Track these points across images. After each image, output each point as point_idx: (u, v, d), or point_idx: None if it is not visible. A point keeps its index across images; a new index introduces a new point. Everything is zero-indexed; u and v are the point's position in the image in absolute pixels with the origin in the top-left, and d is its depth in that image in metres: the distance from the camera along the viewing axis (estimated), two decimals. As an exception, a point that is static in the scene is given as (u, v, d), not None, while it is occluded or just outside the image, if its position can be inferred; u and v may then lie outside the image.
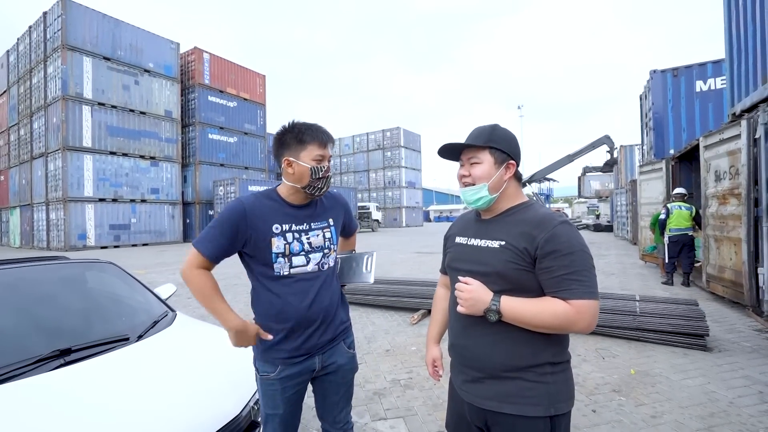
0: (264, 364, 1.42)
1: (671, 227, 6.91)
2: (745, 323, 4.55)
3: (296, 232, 1.42)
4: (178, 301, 6.27)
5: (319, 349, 1.45)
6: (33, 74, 20.38)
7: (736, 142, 5.08)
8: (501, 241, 1.09)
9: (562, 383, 1.07)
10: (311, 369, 1.45)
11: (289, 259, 1.40)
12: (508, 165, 1.14)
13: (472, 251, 1.17)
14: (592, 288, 1.01)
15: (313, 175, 1.37)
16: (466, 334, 1.15)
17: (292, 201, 1.45)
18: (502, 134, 1.15)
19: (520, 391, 1.05)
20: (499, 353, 1.08)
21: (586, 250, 1.04)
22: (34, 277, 2.11)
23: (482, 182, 1.12)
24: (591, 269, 1.03)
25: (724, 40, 6.16)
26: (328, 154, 1.42)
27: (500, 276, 1.07)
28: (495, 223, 1.16)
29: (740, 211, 4.98)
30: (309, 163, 1.37)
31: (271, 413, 1.43)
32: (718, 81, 10.34)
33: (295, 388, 1.43)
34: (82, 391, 1.43)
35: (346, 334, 1.56)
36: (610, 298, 4.54)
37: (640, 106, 14.12)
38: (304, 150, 1.37)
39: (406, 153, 38.85)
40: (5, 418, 1.25)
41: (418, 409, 2.70)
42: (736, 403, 2.68)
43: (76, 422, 1.28)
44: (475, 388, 1.13)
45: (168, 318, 2.18)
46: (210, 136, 24.25)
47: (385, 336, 4.35)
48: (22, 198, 21.76)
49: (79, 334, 1.85)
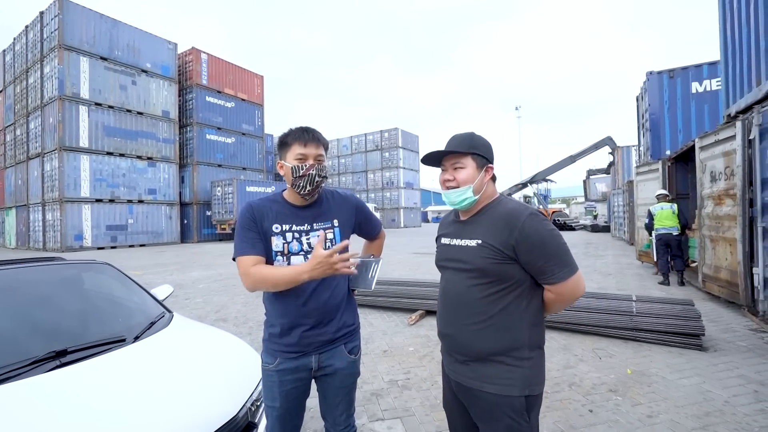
0: (266, 354, 1.50)
1: (657, 227, 7.09)
2: (741, 323, 4.58)
3: (296, 232, 1.46)
4: (176, 301, 6.26)
5: (315, 348, 1.46)
6: (29, 74, 20.28)
7: (731, 143, 5.11)
8: (477, 239, 1.22)
9: (537, 368, 1.20)
10: (308, 367, 1.47)
11: (288, 258, 1.44)
12: (487, 168, 1.28)
13: (454, 251, 1.30)
14: (568, 265, 1.17)
15: (293, 174, 1.41)
16: (451, 324, 1.28)
17: (294, 202, 1.50)
18: (481, 141, 1.28)
19: (500, 374, 1.18)
20: (481, 340, 1.21)
21: (553, 234, 1.17)
22: (30, 278, 2.10)
23: (467, 185, 1.24)
24: (562, 247, 1.17)
25: (719, 42, 6.20)
26: (312, 153, 1.42)
27: (481, 271, 1.20)
28: (471, 223, 1.29)
29: (735, 211, 5.01)
30: (291, 163, 1.42)
31: (270, 405, 1.48)
32: (713, 82, 10.41)
33: (293, 383, 1.45)
34: (79, 393, 1.43)
35: (350, 338, 1.55)
36: (607, 299, 4.56)
37: (637, 107, 14.20)
38: (288, 151, 1.44)
39: (404, 154, 38.87)
40: (2, 419, 1.25)
41: (416, 409, 2.71)
42: (732, 402, 2.70)
43: (72, 423, 1.28)
44: (461, 369, 1.26)
45: (165, 319, 2.18)
46: (208, 136, 24.21)
47: (383, 337, 4.35)
48: (18, 198, 21.64)
49: (75, 335, 1.85)
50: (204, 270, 10.32)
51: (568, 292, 1.18)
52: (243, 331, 4.68)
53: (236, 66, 26.06)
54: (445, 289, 1.32)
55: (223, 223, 22.30)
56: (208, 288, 7.65)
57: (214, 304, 6.18)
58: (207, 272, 9.87)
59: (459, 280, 1.26)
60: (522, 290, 1.20)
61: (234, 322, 5.11)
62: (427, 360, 3.64)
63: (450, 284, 1.30)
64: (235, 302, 6.26)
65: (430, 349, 3.92)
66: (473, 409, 1.26)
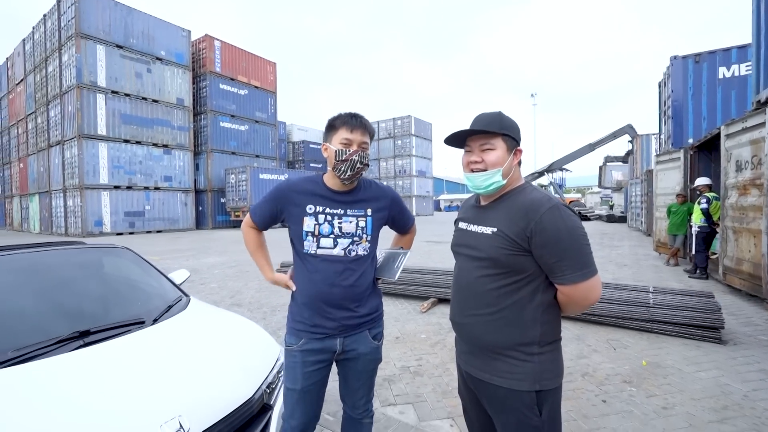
0: (290, 336, 1.53)
1: (695, 221, 6.68)
2: (763, 316, 4.46)
3: (329, 215, 1.49)
4: (192, 286, 6.40)
5: (341, 331, 1.49)
6: (48, 63, 20.66)
7: (759, 130, 4.90)
8: (494, 227, 1.16)
9: (549, 362, 1.14)
10: (332, 350, 1.50)
11: (317, 240, 1.48)
12: (516, 151, 1.20)
13: (469, 237, 1.25)
14: (583, 267, 1.07)
15: (336, 157, 1.43)
16: (462, 314, 1.25)
17: (332, 186, 1.52)
18: (510, 122, 1.19)
19: (509, 368, 1.14)
20: (490, 333, 1.17)
21: (574, 231, 1.07)
22: (54, 261, 2.16)
23: (496, 167, 1.16)
24: (582, 247, 1.08)
25: (751, 23, 5.89)
26: (358, 140, 1.45)
27: (493, 261, 1.14)
28: (491, 209, 1.22)
29: (761, 201, 4.83)
30: (336, 146, 1.45)
31: (290, 387, 1.50)
32: (742, 67, 9.94)
33: (315, 365, 1.48)
34: (101, 372, 1.47)
35: (374, 324, 1.57)
36: (623, 290, 4.48)
37: (659, 93, 13.71)
38: (335, 134, 1.47)
39: (417, 141, 38.54)
40: (30, 396, 1.30)
41: (428, 395, 2.73)
42: (751, 396, 2.64)
43: (96, 399, 1.32)
44: (471, 359, 1.24)
45: (182, 303, 2.23)
46: (221, 124, 24.39)
47: (395, 323, 4.39)
48: (40, 185, 22.30)
49: (96, 316, 1.90)
50: (219, 256, 10.52)
51: (579, 296, 1.10)
52: (257, 316, 4.77)
53: (249, 53, 26.00)
54: (458, 277, 1.29)
55: (237, 210, 22.62)
56: (223, 274, 7.80)
57: (229, 290, 6.31)
58: (222, 258, 10.05)
59: (471, 269, 1.21)
60: (536, 285, 1.13)
61: (249, 307, 5.21)
62: (438, 347, 3.65)
63: (462, 272, 1.26)
64: (249, 288, 6.37)
65: (442, 336, 3.93)
66: (484, 399, 1.24)
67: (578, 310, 1.17)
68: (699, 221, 6.66)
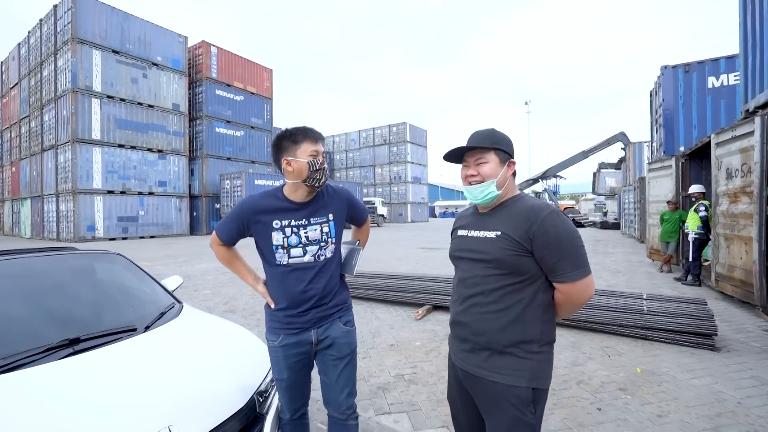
0: (270, 333, 1.65)
1: (692, 228, 6.71)
2: (755, 323, 4.50)
3: (295, 227, 1.59)
4: (185, 293, 6.34)
5: (314, 323, 1.62)
6: (44, 67, 20.58)
7: (749, 139, 4.98)
8: (497, 231, 1.24)
9: (545, 362, 1.22)
10: (309, 341, 1.62)
11: (288, 251, 1.58)
12: (509, 163, 1.30)
13: (472, 242, 1.32)
14: (581, 266, 1.17)
15: (310, 168, 1.53)
16: (466, 313, 1.30)
17: (294, 198, 1.61)
18: (502, 137, 1.31)
19: (509, 364, 1.20)
20: (495, 329, 1.23)
21: (572, 234, 1.18)
22: (44, 266, 2.13)
23: (490, 179, 1.26)
24: (578, 248, 1.18)
25: (738, 34, 6.02)
26: (321, 149, 1.58)
27: (498, 262, 1.21)
28: (491, 216, 1.30)
29: (752, 209, 4.89)
30: (305, 159, 1.53)
31: (278, 378, 1.64)
32: (731, 77, 10.14)
33: (297, 357, 1.61)
34: (91, 380, 1.45)
35: (343, 313, 1.70)
36: (617, 297, 4.50)
37: (650, 102, 13.92)
38: (299, 148, 1.54)
39: (412, 148, 38.72)
40: (17, 405, 1.27)
41: (422, 404, 2.71)
42: (744, 403, 2.65)
43: (85, 409, 1.30)
44: (470, 357, 1.29)
45: (175, 309, 2.20)
46: (217, 129, 24.36)
47: (390, 331, 4.36)
48: (33, 189, 22.07)
49: (87, 323, 1.87)
50: (212, 262, 10.43)
51: (577, 293, 1.19)
52: (251, 322, 4.73)
53: (246, 59, 26.09)
54: (462, 278, 1.34)
55: (231, 216, 22.46)
56: (216, 280, 7.74)
57: (222, 296, 6.25)
58: (215, 264, 9.97)
59: (477, 269, 1.27)
60: (537, 286, 1.22)
61: (242, 313, 5.16)
62: (433, 355, 3.64)
63: (467, 273, 1.31)
64: (243, 294, 6.32)
65: (437, 343, 3.91)
66: (479, 398, 1.27)
67: (573, 309, 1.26)
68: (696, 228, 6.69)
